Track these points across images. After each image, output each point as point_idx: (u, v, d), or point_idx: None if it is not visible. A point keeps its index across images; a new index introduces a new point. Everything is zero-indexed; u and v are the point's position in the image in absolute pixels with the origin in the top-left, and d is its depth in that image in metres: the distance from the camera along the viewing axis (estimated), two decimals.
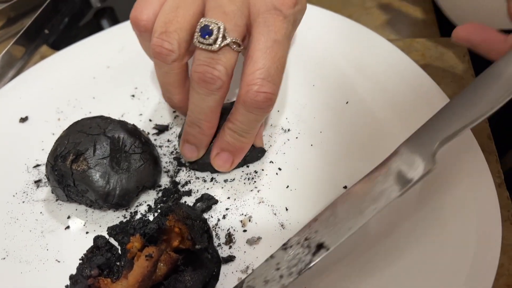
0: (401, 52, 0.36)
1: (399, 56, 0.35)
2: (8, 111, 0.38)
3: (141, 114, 0.38)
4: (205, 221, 0.29)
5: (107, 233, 0.29)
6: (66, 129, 0.32)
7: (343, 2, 0.51)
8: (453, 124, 0.25)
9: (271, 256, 0.25)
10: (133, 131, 0.32)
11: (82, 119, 0.33)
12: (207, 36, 0.26)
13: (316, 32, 0.40)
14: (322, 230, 0.25)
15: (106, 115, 0.37)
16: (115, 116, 0.38)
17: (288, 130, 0.35)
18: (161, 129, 0.36)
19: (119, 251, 0.29)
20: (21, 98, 0.38)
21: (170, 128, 0.37)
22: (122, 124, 0.32)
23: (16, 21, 0.48)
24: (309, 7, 0.41)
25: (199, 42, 0.27)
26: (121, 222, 0.29)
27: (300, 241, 0.25)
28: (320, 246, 0.24)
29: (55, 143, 0.32)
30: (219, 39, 0.26)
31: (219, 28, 0.26)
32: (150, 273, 0.25)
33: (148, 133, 0.36)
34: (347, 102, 0.35)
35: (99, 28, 0.52)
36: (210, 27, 0.26)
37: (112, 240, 0.29)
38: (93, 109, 0.38)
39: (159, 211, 0.31)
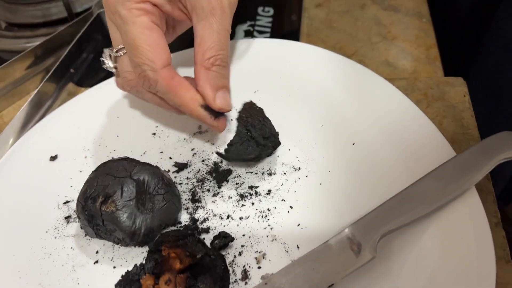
0: (405, 97, 0.38)
1: (402, 100, 0.38)
2: (39, 150, 0.41)
3: (161, 152, 0.41)
4: (221, 256, 0.31)
5: None
6: (95, 170, 0.35)
7: (350, 38, 0.53)
8: (396, 219, 0.30)
9: None
10: (156, 173, 0.35)
11: (110, 161, 0.36)
12: (104, 63, 0.36)
13: (324, 74, 0.42)
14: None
15: (129, 153, 0.41)
16: (138, 153, 0.41)
17: (299, 168, 0.38)
18: (181, 167, 0.39)
19: None
20: (50, 137, 0.42)
21: (189, 166, 0.39)
22: (146, 167, 0.35)
23: (44, 60, 0.52)
24: (319, 49, 0.44)
25: None
26: (122, 276, 0.32)
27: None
28: None
29: (85, 184, 0.35)
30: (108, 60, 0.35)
31: (104, 53, 0.35)
32: None
33: (169, 171, 0.39)
34: (353, 144, 0.37)
35: None
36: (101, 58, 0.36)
37: None
38: (117, 147, 0.41)
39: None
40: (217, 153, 0.37)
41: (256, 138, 0.37)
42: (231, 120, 0.42)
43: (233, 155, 0.36)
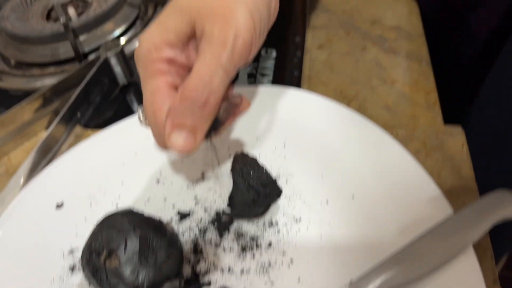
0: (405, 151, 0.39)
1: (402, 153, 0.38)
2: (45, 197, 0.42)
3: (165, 199, 0.42)
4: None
5: None
6: (100, 222, 0.36)
7: (350, 80, 0.54)
8: (395, 279, 0.30)
9: None
10: (159, 227, 0.36)
11: (114, 214, 0.37)
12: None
13: (325, 124, 0.43)
14: None
15: (133, 199, 0.42)
16: (142, 200, 0.42)
17: (300, 219, 0.38)
18: (183, 216, 0.40)
19: None
20: (57, 184, 0.43)
21: (191, 215, 0.40)
22: (149, 221, 0.36)
23: (52, 102, 0.53)
24: (321, 99, 0.45)
25: None
26: None
27: None
28: None
29: (90, 237, 0.36)
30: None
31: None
32: None
33: (172, 219, 0.40)
34: (353, 197, 0.38)
35: (125, 102, 0.57)
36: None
37: None
38: (122, 194, 0.42)
39: None
40: (223, 213, 0.38)
41: (254, 187, 0.38)
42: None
43: (239, 212, 0.37)
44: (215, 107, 0.30)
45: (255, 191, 0.38)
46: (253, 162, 0.40)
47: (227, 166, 0.42)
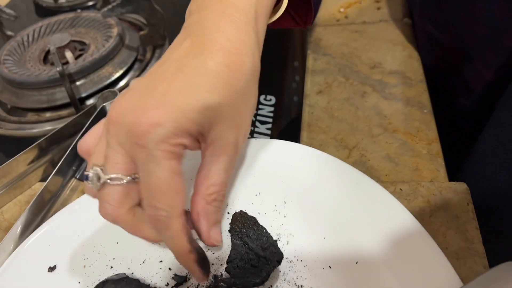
0: (409, 214, 0.37)
1: (406, 217, 0.37)
2: (38, 260, 0.40)
3: (161, 261, 0.40)
4: None
5: None
6: None
7: (351, 129, 0.54)
8: None
9: None
10: None
11: (108, 283, 0.35)
12: (88, 181, 0.32)
13: (326, 182, 0.42)
14: None
15: (128, 261, 0.40)
16: (137, 262, 0.40)
17: (301, 286, 0.37)
18: (180, 281, 0.38)
19: None
20: (49, 245, 0.41)
21: (188, 280, 0.39)
22: None
23: (47, 152, 0.52)
24: (322, 154, 0.44)
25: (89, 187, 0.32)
26: None
27: None
28: None
29: None
30: (95, 181, 0.32)
31: (94, 171, 0.32)
32: None
33: (168, 284, 0.39)
34: (356, 262, 0.37)
35: None
36: (88, 173, 0.32)
37: None
38: (117, 256, 0.41)
39: None
40: (221, 279, 0.37)
41: (254, 250, 0.37)
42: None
43: (238, 277, 0.36)
44: None
45: (255, 254, 0.37)
46: (253, 222, 0.39)
47: (225, 223, 0.41)
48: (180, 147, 0.31)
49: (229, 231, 0.39)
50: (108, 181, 0.32)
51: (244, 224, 0.39)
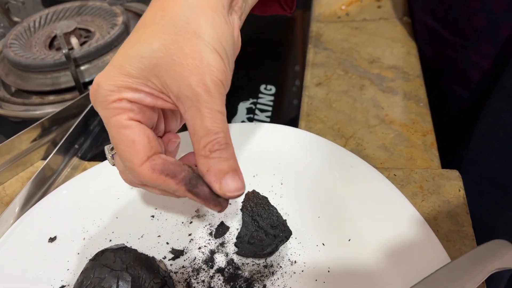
0: (402, 195, 0.39)
1: (398, 198, 0.38)
2: (39, 231, 0.41)
3: (159, 236, 0.41)
4: None
5: None
6: (92, 259, 0.36)
7: (348, 119, 0.55)
8: None
9: None
10: (152, 265, 0.35)
11: (107, 251, 0.36)
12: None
13: (322, 164, 0.43)
14: None
15: (127, 235, 0.41)
16: (136, 236, 0.41)
17: (295, 262, 0.38)
18: (177, 254, 0.39)
19: None
20: (50, 217, 0.42)
21: (185, 253, 0.40)
22: (142, 259, 0.35)
23: (49, 132, 0.53)
24: (319, 138, 0.45)
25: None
26: None
27: None
28: None
29: (81, 274, 0.35)
30: (109, 158, 0.35)
31: (106, 149, 0.35)
32: None
33: (165, 257, 0.39)
34: (349, 240, 0.38)
35: None
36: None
37: None
38: (116, 229, 0.42)
39: None
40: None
41: (264, 228, 0.38)
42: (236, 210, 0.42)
43: (247, 251, 0.37)
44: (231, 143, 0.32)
45: (264, 232, 0.38)
46: (264, 201, 0.40)
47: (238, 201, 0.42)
48: (123, 101, 0.31)
49: (241, 209, 0.40)
50: (113, 151, 0.34)
51: (256, 204, 0.39)
